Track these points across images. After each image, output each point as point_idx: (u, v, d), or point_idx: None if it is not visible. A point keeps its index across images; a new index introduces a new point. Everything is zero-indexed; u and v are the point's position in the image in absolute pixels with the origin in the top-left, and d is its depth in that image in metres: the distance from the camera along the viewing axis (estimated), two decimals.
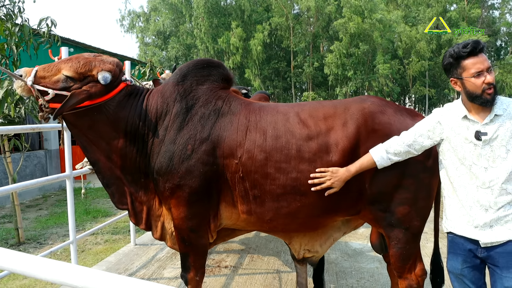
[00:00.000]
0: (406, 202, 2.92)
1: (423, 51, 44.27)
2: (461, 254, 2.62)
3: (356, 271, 5.00)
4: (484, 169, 2.45)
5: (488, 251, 2.49)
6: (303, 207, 2.93)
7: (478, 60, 2.43)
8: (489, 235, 2.46)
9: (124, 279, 1.09)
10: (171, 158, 2.93)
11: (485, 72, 2.41)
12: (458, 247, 2.63)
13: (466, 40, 2.48)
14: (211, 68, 3.17)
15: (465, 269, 2.61)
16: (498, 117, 2.43)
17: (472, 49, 2.41)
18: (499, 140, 2.41)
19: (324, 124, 2.92)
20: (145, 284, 1.06)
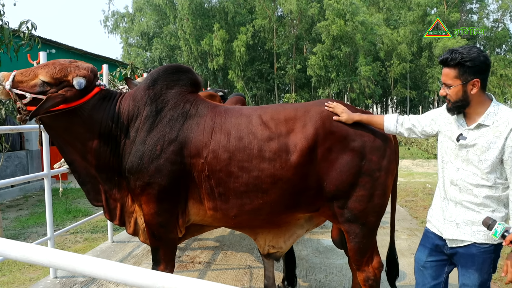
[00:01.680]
0: (362, 199, 3.14)
1: (404, 54, 44.84)
2: (428, 247, 2.85)
3: (325, 267, 5.21)
4: (456, 169, 2.65)
5: (453, 250, 2.70)
6: (265, 204, 3.14)
7: (442, 71, 2.63)
8: (454, 231, 2.66)
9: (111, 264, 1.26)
10: (141, 158, 3.12)
11: (443, 84, 2.61)
12: (428, 240, 2.87)
13: (453, 47, 2.63)
14: (180, 73, 3.37)
15: (428, 262, 2.84)
16: (484, 127, 2.54)
17: (440, 61, 2.61)
18: (475, 148, 2.56)
19: (285, 126, 3.13)
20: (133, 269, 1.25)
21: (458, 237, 2.65)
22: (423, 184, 11.79)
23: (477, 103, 2.57)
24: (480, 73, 2.51)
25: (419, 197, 9.91)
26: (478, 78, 2.50)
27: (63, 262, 1.28)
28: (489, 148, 2.51)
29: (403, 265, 5.17)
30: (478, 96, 2.55)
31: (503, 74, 44.05)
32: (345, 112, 3.13)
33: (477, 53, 2.49)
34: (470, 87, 2.52)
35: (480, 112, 2.57)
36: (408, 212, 8.42)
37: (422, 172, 14.48)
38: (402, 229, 7.00)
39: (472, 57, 2.47)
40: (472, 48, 2.53)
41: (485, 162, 2.53)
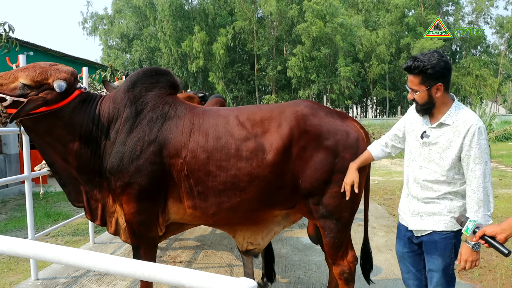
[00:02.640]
0: (336, 196, 3.25)
1: (383, 55, 45.40)
2: (402, 239, 3.05)
3: (304, 264, 5.32)
4: (418, 167, 2.84)
5: (419, 239, 2.90)
6: (243, 202, 3.24)
7: (408, 78, 2.80)
8: (418, 223, 2.86)
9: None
10: (121, 159, 3.20)
11: (410, 89, 2.78)
12: (401, 233, 3.07)
13: (415, 55, 2.79)
14: (159, 76, 3.45)
15: (405, 253, 3.04)
16: (445, 126, 2.71)
17: (404, 68, 2.77)
18: (437, 147, 2.74)
19: (261, 126, 3.24)
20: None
21: (422, 227, 2.85)
22: (401, 182, 11.75)
23: (441, 104, 2.74)
24: (442, 77, 2.68)
25: (397, 195, 10.09)
26: (440, 82, 2.67)
27: (47, 253, 1.35)
28: (449, 147, 2.70)
29: (380, 260, 5.33)
30: (442, 98, 2.73)
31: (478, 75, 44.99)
32: (348, 178, 3.16)
33: (437, 59, 2.65)
34: (434, 91, 2.69)
35: (443, 111, 2.75)
36: (386, 210, 8.61)
37: (400, 171, 14.70)
38: (380, 226, 7.17)
39: (433, 64, 2.63)
40: (433, 54, 2.69)
41: (445, 159, 2.71)
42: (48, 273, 4.93)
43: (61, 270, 5.02)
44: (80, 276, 4.87)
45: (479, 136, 2.61)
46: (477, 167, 2.62)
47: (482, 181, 2.61)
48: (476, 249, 2.57)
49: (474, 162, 2.62)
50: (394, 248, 5.50)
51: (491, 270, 5.07)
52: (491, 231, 2.35)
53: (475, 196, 2.61)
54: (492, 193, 2.65)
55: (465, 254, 2.61)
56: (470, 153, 2.63)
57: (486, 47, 52.72)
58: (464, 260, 2.61)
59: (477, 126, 2.62)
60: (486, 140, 2.65)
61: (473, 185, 2.63)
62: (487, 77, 45.74)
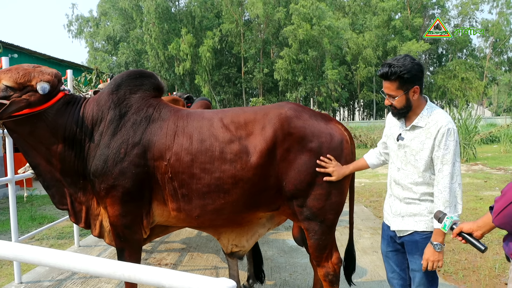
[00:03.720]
0: (320, 198, 3.28)
1: (370, 58, 45.69)
2: (386, 238, 3.12)
3: (290, 266, 5.33)
4: (397, 169, 2.91)
5: (401, 239, 2.95)
6: (227, 204, 3.25)
7: (383, 84, 2.84)
8: (399, 223, 2.92)
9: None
10: (105, 161, 3.19)
11: (387, 95, 2.83)
12: (385, 232, 3.13)
13: (388, 61, 2.82)
14: (143, 78, 3.46)
15: (389, 252, 3.10)
16: (418, 128, 2.78)
17: (380, 75, 2.82)
18: (411, 149, 2.81)
19: (245, 128, 3.25)
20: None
21: (403, 228, 2.91)
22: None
23: (416, 106, 2.82)
24: (418, 80, 2.75)
25: (383, 198, 10.06)
26: (417, 85, 2.74)
27: (26, 255, 1.35)
28: (422, 148, 2.77)
29: (365, 262, 5.37)
30: (418, 100, 2.80)
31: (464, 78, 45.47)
32: (336, 171, 3.22)
33: (411, 63, 2.71)
34: (411, 94, 2.75)
35: (417, 113, 2.82)
36: (372, 212, 8.67)
37: (386, 173, 14.72)
38: (366, 228, 7.22)
39: (408, 68, 2.69)
40: (405, 58, 2.75)
41: (419, 161, 2.78)
42: (32, 276, 4.89)
43: (45, 273, 4.98)
44: (64, 279, 4.83)
45: (447, 137, 2.67)
46: (445, 167, 2.68)
47: (449, 182, 2.66)
48: (438, 250, 2.65)
49: (442, 162, 2.68)
50: (380, 250, 5.57)
51: (475, 271, 5.13)
52: (468, 228, 2.40)
53: (442, 197, 2.66)
54: (461, 195, 2.70)
55: (427, 254, 2.70)
56: (439, 153, 2.69)
57: (471, 50, 53.38)
58: (426, 260, 2.70)
59: (446, 128, 2.68)
60: (455, 141, 2.70)
61: (440, 186, 2.68)
62: (473, 80, 46.29)
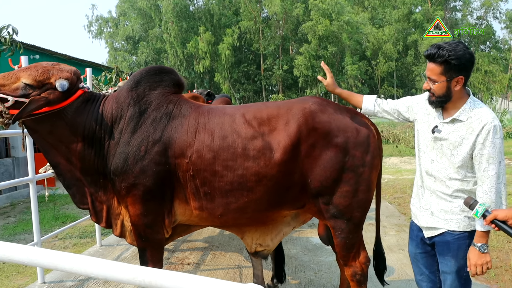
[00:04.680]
0: (347, 195, 3.16)
1: (390, 52, 45.13)
2: (415, 239, 2.95)
3: (314, 264, 5.23)
4: (430, 160, 2.74)
5: (431, 239, 2.79)
6: (251, 202, 3.15)
7: (427, 66, 2.67)
8: (428, 219, 2.76)
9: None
10: (126, 159, 3.12)
11: (428, 78, 2.65)
12: (413, 233, 2.97)
13: (438, 42, 2.64)
14: (163, 74, 3.37)
15: (418, 254, 2.93)
16: (458, 122, 2.60)
17: (426, 55, 2.64)
18: (448, 143, 2.64)
19: (268, 124, 3.15)
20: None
21: (432, 225, 2.74)
22: (411, 180, 11.84)
23: (457, 98, 2.62)
24: (465, 71, 2.55)
25: (408, 194, 9.97)
26: (462, 75, 2.55)
27: (43, 259, 1.28)
28: (461, 144, 2.59)
29: (392, 260, 5.22)
30: (460, 92, 2.61)
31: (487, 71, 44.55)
32: (331, 80, 3.31)
33: (463, 51, 2.52)
34: (454, 83, 2.56)
35: (458, 106, 2.63)
36: (397, 208, 8.49)
37: (410, 169, 14.57)
38: (391, 225, 7.06)
39: (458, 55, 2.50)
40: (458, 44, 2.55)
41: (456, 156, 2.60)
42: (54, 276, 4.87)
43: (68, 273, 4.96)
44: (87, 279, 4.80)
45: (494, 134, 2.49)
46: (491, 167, 2.50)
47: (495, 182, 2.50)
48: (483, 251, 2.47)
49: (488, 161, 2.50)
50: (406, 248, 5.41)
51: (507, 270, 4.95)
52: (504, 216, 2.27)
53: (487, 198, 2.50)
54: (505, 195, 2.53)
55: (473, 259, 2.51)
56: (483, 152, 2.51)
57: (495, 42, 52.23)
58: (474, 265, 2.50)
59: (492, 124, 2.50)
60: (501, 139, 2.53)
61: (485, 186, 2.51)
62: (497, 73, 45.30)
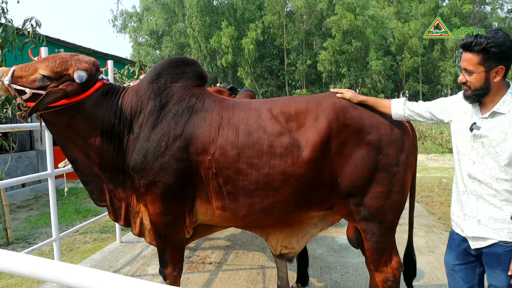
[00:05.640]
0: (379, 196, 2.96)
1: (415, 47, 44.39)
2: (455, 250, 2.64)
3: (340, 266, 5.04)
4: (472, 162, 2.46)
5: (478, 251, 2.50)
6: (276, 203, 2.97)
7: (462, 57, 2.42)
8: (475, 228, 2.46)
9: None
10: (145, 155, 2.97)
11: (463, 70, 2.41)
12: (453, 242, 2.66)
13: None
14: (185, 66, 3.20)
15: (457, 266, 2.63)
16: (500, 115, 2.35)
17: (462, 45, 2.40)
18: (490, 139, 2.37)
19: (296, 119, 2.96)
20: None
21: (480, 234, 2.45)
22: (439, 179, 11.53)
23: (496, 91, 2.37)
24: (506, 60, 2.31)
25: (435, 193, 9.66)
26: (503, 65, 2.30)
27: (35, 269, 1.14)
28: (505, 139, 2.31)
29: (421, 263, 4.98)
30: (499, 84, 2.35)
31: None
32: (350, 92, 3.04)
33: (504, 38, 2.27)
34: (493, 74, 2.32)
35: (496, 100, 2.37)
36: (425, 208, 8.19)
37: (437, 166, 14.21)
38: (419, 226, 6.78)
39: (498, 42, 2.26)
40: (498, 32, 2.31)
41: (501, 154, 2.32)
42: None
43: None
44: None
45: None
46: None
47: None
48: None
49: None
50: (437, 250, 5.17)
51: None
52: None
53: None
54: None
55: None
56: None
57: None
58: None
59: None
60: None
61: None
62: None
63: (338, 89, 3.11)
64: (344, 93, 3.04)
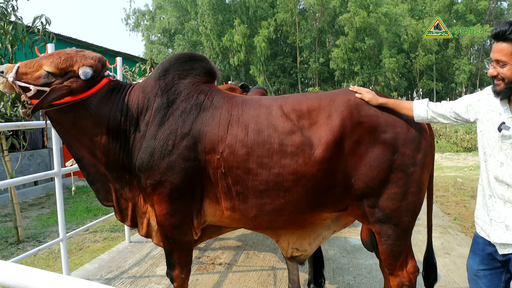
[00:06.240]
0: (395, 197, 2.83)
1: (430, 45, 43.93)
2: (479, 254, 2.49)
3: (353, 268, 4.92)
4: (499, 164, 2.30)
5: (506, 257, 2.35)
6: (288, 204, 2.86)
7: (493, 47, 2.26)
8: (502, 234, 2.31)
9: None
10: (152, 154, 2.87)
11: (494, 62, 2.25)
12: (478, 246, 2.51)
13: (510, 20, 2.23)
14: (194, 62, 3.10)
15: (481, 271, 2.48)
16: None
17: (495, 34, 2.24)
18: None
19: (308, 117, 2.84)
20: None
21: (508, 241, 2.29)
22: (454, 178, 11.33)
23: None
24: None
25: (450, 192, 9.48)
26: None
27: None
28: None
29: (437, 266, 4.83)
30: None
31: None
32: (370, 93, 2.87)
33: None
34: None
35: None
36: (440, 208, 8.02)
37: (452, 166, 13.98)
38: (434, 227, 6.61)
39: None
40: None
41: None
42: (80, 274, 4.73)
43: (94, 271, 4.81)
44: (113, 278, 4.63)
45: None
46: None
47: None
48: None
49: None
50: (453, 252, 5.01)
51: None
52: None
53: None
54: None
55: None
56: None
57: None
58: None
59: None
60: None
61: None
62: None
63: (357, 88, 2.95)
64: (363, 94, 2.88)
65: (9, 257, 6.10)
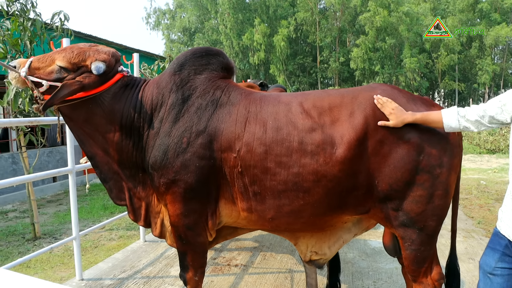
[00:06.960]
0: (420, 200, 2.67)
1: (452, 44, 43.23)
2: (499, 250, 2.33)
3: (373, 272, 4.77)
4: None
5: None
6: (307, 205, 2.73)
7: None
8: None
9: None
10: (165, 152, 2.77)
11: None
12: (498, 242, 2.35)
13: None
14: (210, 57, 2.99)
15: (499, 269, 2.31)
16: None
17: None
18: None
19: (329, 114, 2.70)
20: None
21: None
22: (477, 180, 11.05)
23: None
24: None
25: (474, 195, 9.23)
26: None
27: None
28: None
29: (460, 272, 4.65)
30: None
31: None
32: (394, 114, 2.60)
33: None
34: None
35: None
36: (463, 211, 7.79)
37: (475, 168, 13.66)
38: (458, 231, 6.40)
39: None
40: None
41: None
42: (93, 273, 4.66)
43: (107, 270, 4.74)
44: (126, 277, 4.56)
45: None
46: None
47: None
48: None
49: None
50: (477, 258, 4.80)
51: None
52: None
53: None
54: None
55: None
56: None
57: None
58: None
59: None
60: None
61: None
62: None
63: (383, 102, 2.66)
64: (388, 121, 2.62)
65: (26, 253, 6.12)
